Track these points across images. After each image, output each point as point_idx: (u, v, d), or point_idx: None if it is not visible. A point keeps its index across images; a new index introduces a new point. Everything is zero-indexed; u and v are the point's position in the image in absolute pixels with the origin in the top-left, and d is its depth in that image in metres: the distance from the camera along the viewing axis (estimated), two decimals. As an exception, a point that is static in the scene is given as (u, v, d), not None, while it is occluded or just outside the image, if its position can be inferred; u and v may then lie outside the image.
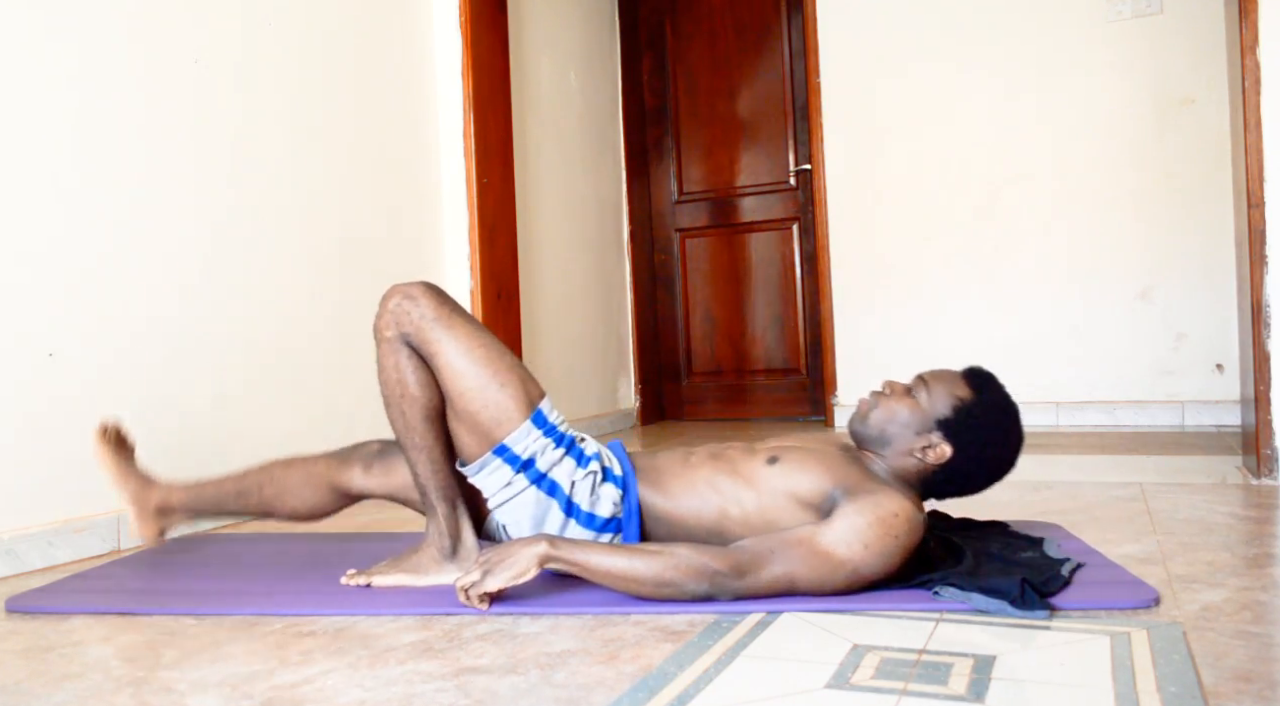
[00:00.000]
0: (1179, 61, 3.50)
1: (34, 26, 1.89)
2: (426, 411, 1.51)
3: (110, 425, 1.80)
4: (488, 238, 3.14)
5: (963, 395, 1.49)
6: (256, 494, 1.73)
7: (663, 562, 1.34)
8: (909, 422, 1.49)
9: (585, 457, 1.52)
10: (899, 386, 1.53)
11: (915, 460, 1.49)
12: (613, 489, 1.51)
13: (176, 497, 1.76)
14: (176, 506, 1.76)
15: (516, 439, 1.47)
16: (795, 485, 1.45)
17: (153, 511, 1.75)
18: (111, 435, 1.79)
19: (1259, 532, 1.77)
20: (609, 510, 1.50)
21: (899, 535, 1.35)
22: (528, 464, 1.48)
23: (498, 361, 1.49)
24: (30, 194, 1.88)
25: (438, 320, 1.48)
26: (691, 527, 1.50)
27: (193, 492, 1.76)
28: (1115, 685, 1.04)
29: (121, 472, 1.76)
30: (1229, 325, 3.33)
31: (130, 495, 1.75)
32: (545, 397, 1.53)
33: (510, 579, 1.34)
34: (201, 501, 1.76)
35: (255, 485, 1.73)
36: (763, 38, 4.31)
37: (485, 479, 1.50)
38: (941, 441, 1.47)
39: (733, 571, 1.34)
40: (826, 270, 4.05)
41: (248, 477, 1.75)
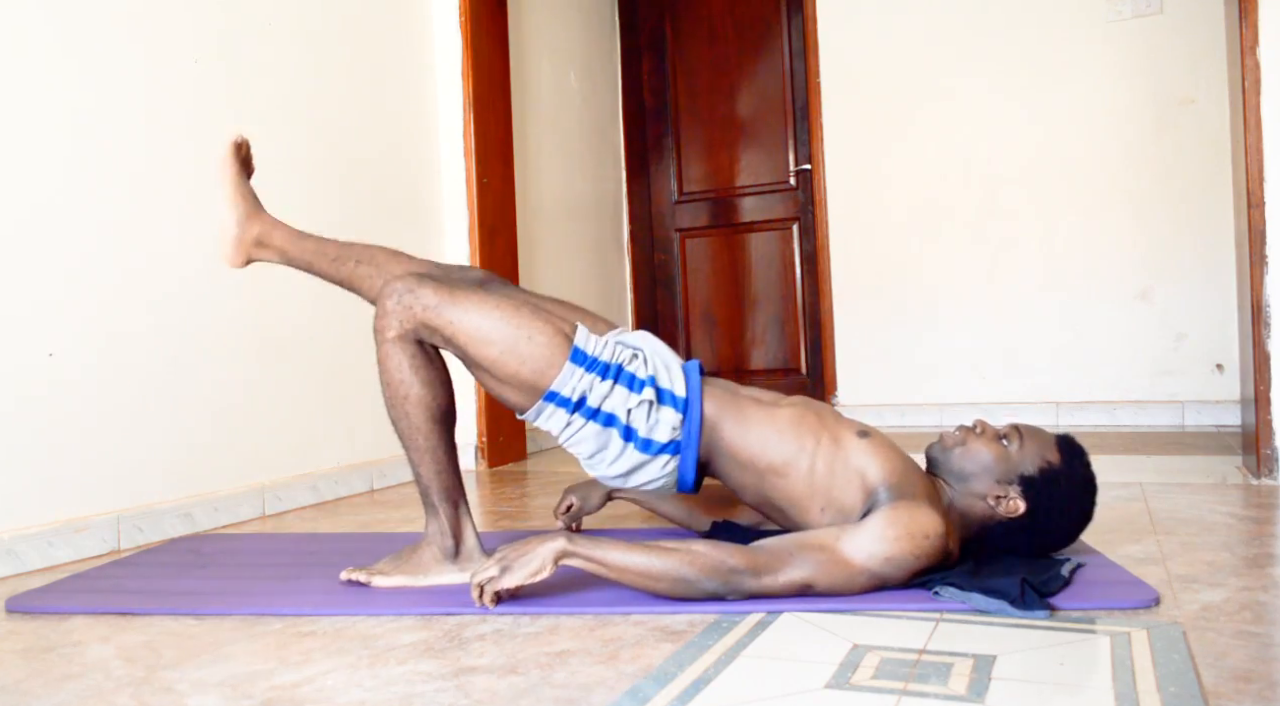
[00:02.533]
0: (1179, 61, 3.50)
1: (34, 27, 1.89)
2: (430, 411, 1.51)
3: (244, 141, 1.73)
4: (488, 238, 3.14)
5: (1052, 459, 1.47)
6: (351, 265, 1.68)
7: (679, 559, 1.34)
8: (991, 469, 1.46)
9: (638, 382, 1.50)
10: (991, 430, 1.51)
11: (985, 505, 1.47)
12: (671, 413, 1.50)
13: (278, 235, 1.70)
14: (274, 244, 1.70)
15: (562, 382, 1.47)
16: (869, 466, 1.44)
17: (251, 240, 1.70)
18: (245, 151, 1.73)
19: (1259, 532, 1.77)
20: (667, 434, 1.49)
21: (920, 555, 1.35)
22: (580, 403, 1.48)
23: (515, 317, 1.49)
24: (30, 194, 1.88)
25: (442, 302, 1.48)
26: (753, 460, 1.49)
27: (293, 238, 1.70)
28: (1115, 685, 1.04)
29: (239, 190, 1.70)
30: (1229, 325, 3.33)
31: (237, 216, 1.69)
32: (580, 329, 1.52)
33: (527, 576, 1.33)
34: (298, 249, 1.70)
35: (353, 256, 1.69)
36: (763, 38, 4.30)
37: (545, 422, 1.51)
38: (1018, 497, 1.45)
39: (750, 570, 1.34)
40: (826, 270, 4.05)
41: (352, 247, 1.70)
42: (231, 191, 1.70)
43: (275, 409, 2.43)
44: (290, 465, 2.47)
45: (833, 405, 4.02)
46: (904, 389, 3.91)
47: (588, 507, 1.90)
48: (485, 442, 3.11)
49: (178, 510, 2.13)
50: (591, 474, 1.57)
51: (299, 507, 2.46)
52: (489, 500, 2.52)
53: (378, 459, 2.76)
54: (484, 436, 3.11)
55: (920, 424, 3.81)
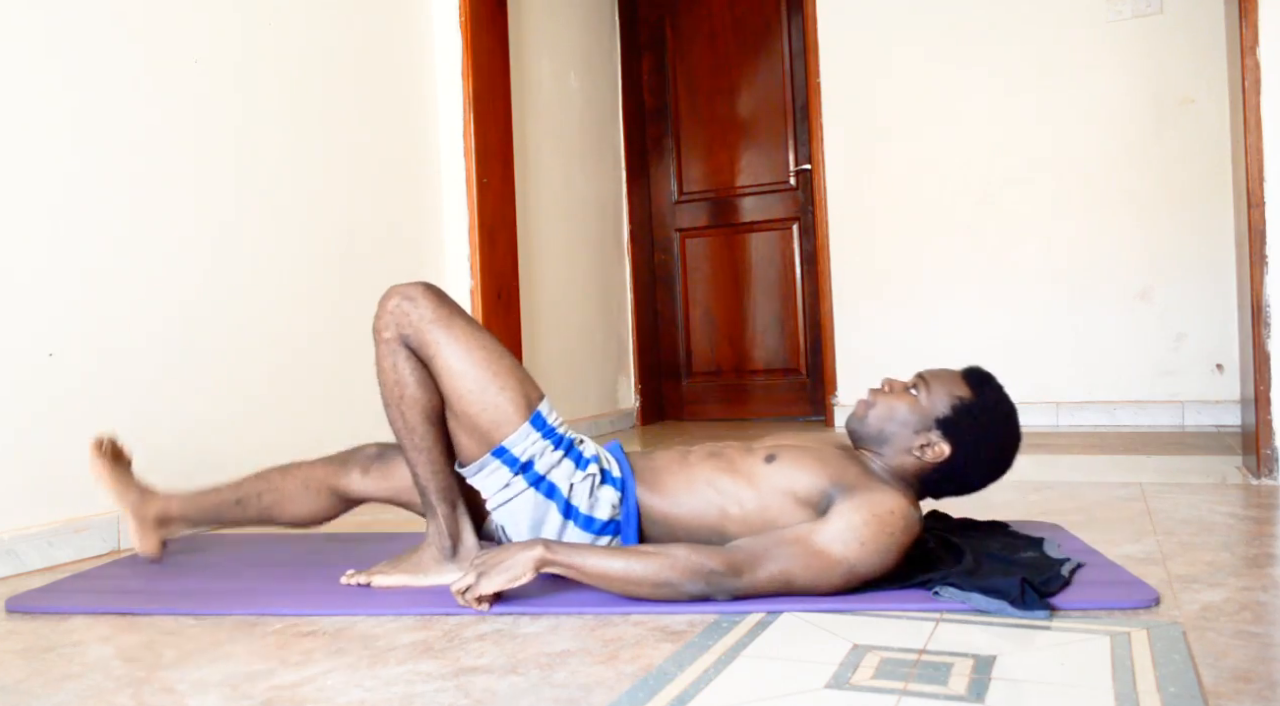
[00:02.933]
0: (1179, 61, 3.50)
1: (34, 27, 1.89)
2: (426, 412, 1.51)
3: (106, 438, 1.79)
4: (488, 238, 3.14)
5: (962, 394, 1.49)
6: (255, 502, 1.73)
7: (659, 563, 1.34)
8: (908, 421, 1.49)
9: (584, 460, 1.51)
10: (898, 384, 1.53)
11: (914, 458, 1.49)
12: (611, 491, 1.51)
13: (175, 507, 1.76)
14: (175, 516, 1.76)
15: (515, 441, 1.47)
16: (793, 483, 1.45)
17: (152, 522, 1.75)
18: (107, 448, 1.78)
19: (1259, 532, 1.77)
20: (608, 512, 1.50)
21: (895, 532, 1.35)
22: (526, 466, 1.48)
23: (496, 363, 1.49)
24: (31, 194, 1.88)
25: (436, 321, 1.48)
26: (692, 528, 1.50)
27: (191, 502, 1.76)
28: (1115, 685, 1.04)
29: (119, 485, 1.75)
30: (1229, 325, 3.33)
31: (130, 507, 1.75)
32: (544, 399, 1.53)
33: (505, 583, 1.34)
34: (200, 510, 1.76)
35: (254, 493, 1.73)
36: (763, 38, 4.30)
37: (484, 480, 1.50)
38: (940, 440, 1.47)
39: (729, 570, 1.34)
40: (826, 270, 4.05)
41: (245, 485, 1.75)
42: (112, 489, 1.75)
43: (275, 409, 2.43)
44: (290, 465, 2.47)
45: (833, 405, 4.02)
46: (904, 389, 3.90)
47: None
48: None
49: (178, 510, 2.13)
50: None
51: (299, 507, 2.46)
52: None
53: (378, 459, 2.76)
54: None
55: (920, 424, 3.80)
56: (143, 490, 1.77)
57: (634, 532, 1.51)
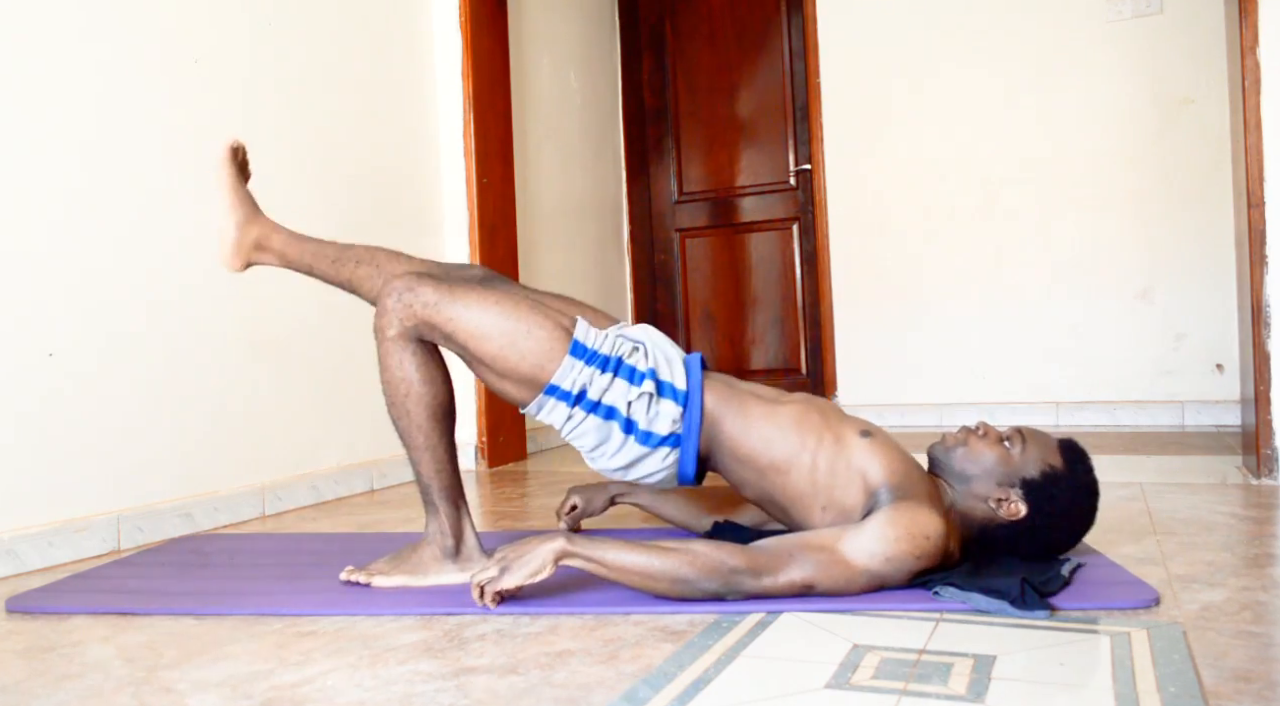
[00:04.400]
0: (1179, 61, 3.50)
1: (34, 27, 1.89)
2: (431, 409, 1.51)
3: (240, 146, 1.74)
4: (488, 238, 3.14)
5: (1055, 463, 1.46)
6: (351, 266, 1.69)
7: (678, 560, 1.34)
8: (993, 471, 1.46)
9: (638, 374, 1.51)
10: (994, 432, 1.50)
11: (986, 508, 1.46)
12: (671, 405, 1.50)
13: (277, 238, 1.71)
14: (273, 247, 1.71)
15: (562, 375, 1.48)
16: (870, 466, 1.44)
17: (250, 244, 1.71)
18: (241, 156, 1.74)
19: (1259, 532, 1.77)
20: (667, 427, 1.50)
21: (920, 556, 1.35)
22: (580, 396, 1.49)
23: (514, 310, 1.50)
24: (30, 194, 1.88)
25: (441, 299, 1.48)
26: (754, 460, 1.50)
27: (293, 241, 1.71)
28: (1115, 685, 1.04)
29: (237, 195, 1.71)
30: (1229, 325, 3.33)
31: (236, 220, 1.70)
32: (579, 322, 1.53)
33: (527, 576, 1.33)
34: (299, 253, 1.71)
35: (353, 258, 1.69)
36: (763, 38, 4.30)
37: (547, 416, 1.52)
38: (1019, 500, 1.44)
39: (751, 570, 1.34)
40: (826, 270, 4.05)
41: (351, 249, 1.71)
42: (229, 196, 1.71)
43: (275, 409, 2.43)
44: (290, 465, 2.47)
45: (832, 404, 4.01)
46: (904, 388, 3.91)
47: (591, 509, 1.90)
48: (485, 442, 3.11)
49: (178, 510, 2.13)
50: (593, 466, 1.58)
51: (299, 507, 2.46)
52: (489, 500, 2.52)
53: (378, 459, 2.76)
54: (484, 436, 3.11)
55: (921, 424, 3.81)
56: (255, 208, 1.72)
57: (693, 448, 1.51)
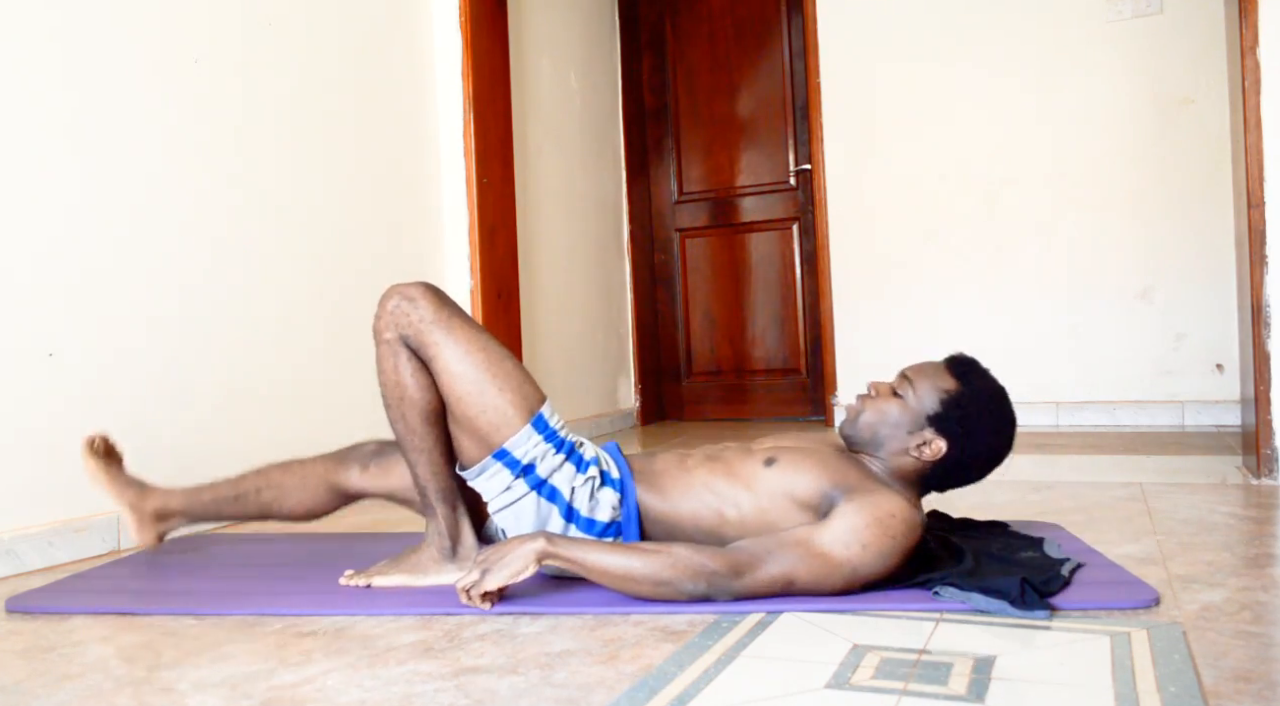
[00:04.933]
0: (1179, 61, 3.50)
1: (34, 27, 1.89)
2: (426, 413, 1.51)
3: (97, 437, 1.79)
4: (488, 238, 3.14)
5: (949, 387, 1.48)
6: (254, 497, 1.74)
7: (660, 561, 1.34)
8: (899, 422, 1.47)
9: (584, 462, 1.51)
10: (884, 386, 1.52)
11: (911, 458, 1.48)
12: (611, 493, 1.50)
13: (174, 502, 1.76)
14: (174, 511, 1.76)
15: (516, 443, 1.47)
16: (793, 486, 1.44)
17: (150, 517, 1.76)
18: (100, 447, 1.79)
19: (1259, 532, 1.77)
20: (608, 514, 1.49)
21: (896, 535, 1.35)
22: (528, 469, 1.47)
23: (497, 365, 1.48)
24: (30, 194, 1.88)
25: (436, 322, 1.47)
26: (690, 530, 1.50)
27: (189, 497, 1.76)
28: (1115, 685, 1.04)
29: (115, 482, 1.76)
30: (1229, 325, 3.33)
31: (127, 503, 1.75)
32: (546, 402, 1.52)
33: (509, 577, 1.34)
34: (199, 506, 1.76)
35: (253, 489, 1.74)
36: (763, 38, 4.30)
37: (485, 483, 1.50)
38: (935, 436, 1.46)
39: (730, 571, 1.34)
40: (826, 270, 4.05)
41: (244, 481, 1.75)
42: (109, 488, 1.76)
43: (275, 408, 2.43)
44: (290, 465, 2.47)
45: (833, 405, 4.02)
46: (904, 389, 3.90)
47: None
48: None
49: (178, 510, 2.13)
50: None
51: (299, 507, 2.46)
52: (489, 500, 2.52)
53: (378, 459, 2.76)
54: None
55: (920, 424, 3.80)
56: (140, 485, 1.78)
57: (635, 533, 1.51)
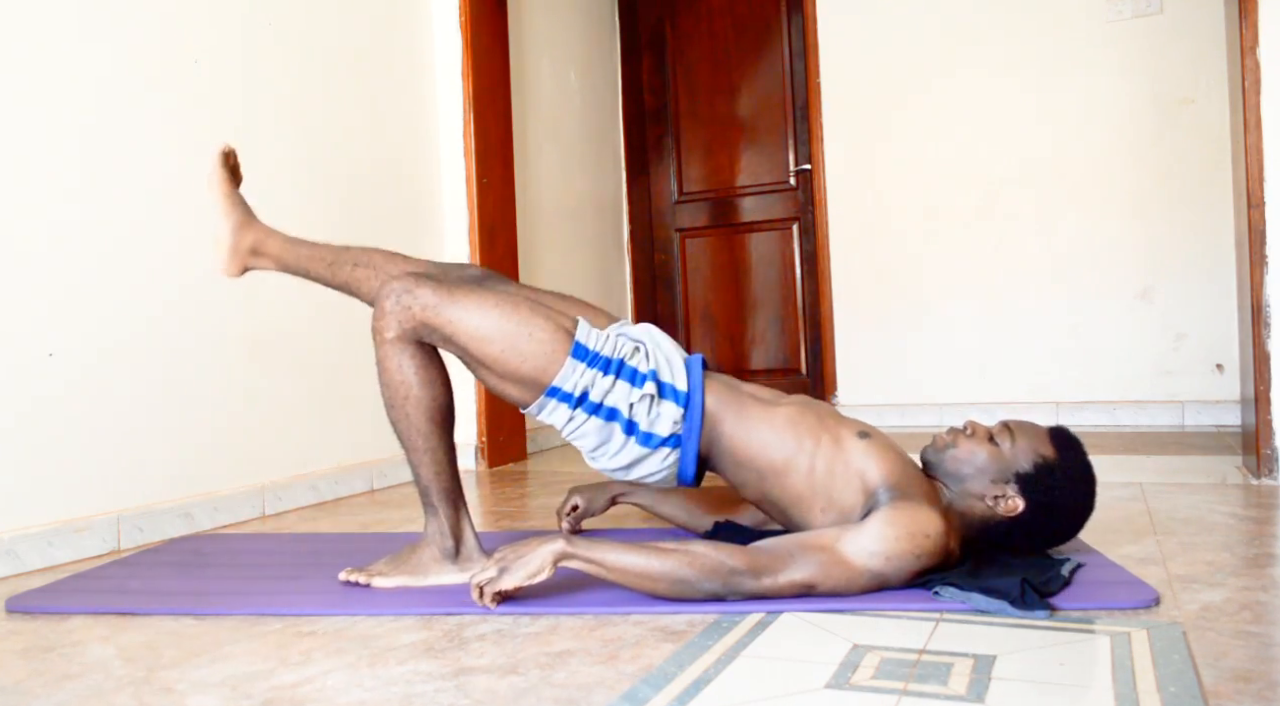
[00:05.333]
0: (1179, 61, 3.50)
1: (34, 27, 1.89)
2: (430, 411, 1.51)
3: (230, 150, 1.73)
4: (488, 238, 3.14)
5: (1046, 454, 1.45)
6: (348, 269, 1.68)
7: (677, 560, 1.34)
8: (986, 469, 1.45)
9: (640, 376, 1.51)
10: (982, 430, 1.49)
11: (984, 506, 1.45)
12: (672, 407, 1.50)
13: (273, 243, 1.70)
14: (268, 253, 1.71)
15: (564, 378, 1.48)
16: (868, 467, 1.44)
17: (246, 249, 1.70)
18: (232, 160, 1.73)
19: (1259, 532, 1.77)
20: (668, 428, 1.50)
21: (921, 555, 1.35)
22: (582, 398, 1.49)
23: (515, 312, 1.49)
24: (30, 194, 1.88)
25: (440, 302, 1.48)
26: (753, 461, 1.50)
27: (289, 245, 1.71)
28: (1115, 685, 1.04)
29: (230, 201, 1.70)
30: (1229, 325, 3.33)
31: (231, 225, 1.69)
32: (580, 323, 1.53)
33: (526, 577, 1.33)
34: (295, 257, 1.70)
35: (350, 260, 1.69)
36: (763, 38, 4.30)
37: (548, 417, 1.52)
38: (1016, 495, 1.43)
39: (751, 571, 1.34)
40: (826, 270, 4.05)
41: (348, 251, 1.70)
42: (223, 201, 1.70)
43: (275, 409, 2.43)
44: (290, 465, 2.47)
45: (833, 405, 4.02)
46: (904, 389, 3.91)
47: (592, 509, 1.90)
48: (485, 442, 3.11)
49: (178, 510, 2.13)
50: (594, 466, 1.58)
51: (299, 507, 2.46)
52: (489, 500, 2.52)
53: (378, 459, 2.76)
54: (484, 436, 3.11)
55: (920, 424, 3.80)
56: (248, 213, 1.72)
57: (694, 449, 1.51)
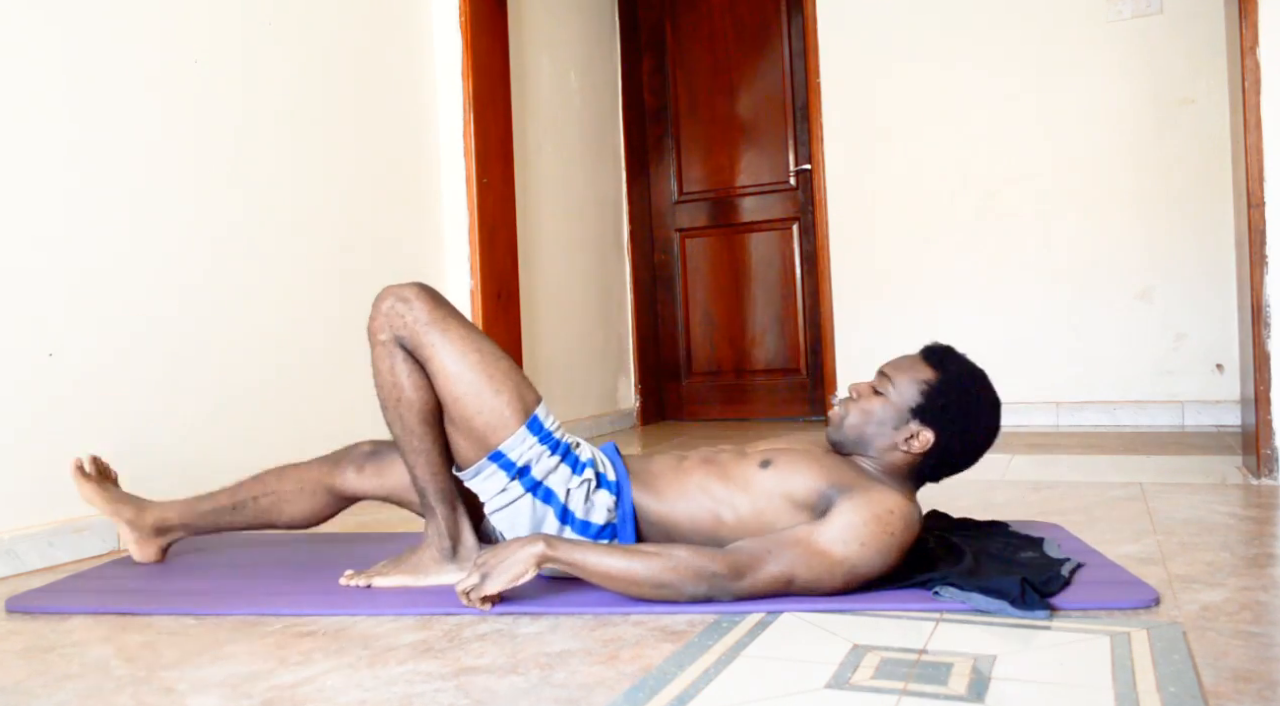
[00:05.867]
0: (1179, 62, 3.50)
1: (34, 26, 1.89)
2: (423, 414, 1.51)
3: (87, 459, 1.79)
4: (488, 238, 3.14)
5: (927, 377, 1.47)
6: (252, 506, 1.74)
7: (660, 564, 1.34)
8: (884, 419, 1.47)
9: (580, 464, 1.51)
10: (864, 386, 1.51)
11: (901, 453, 1.47)
12: (607, 495, 1.50)
13: (172, 515, 1.76)
14: (173, 524, 1.77)
15: (512, 445, 1.46)
16: (790, 487, 1.44)
17: (150, 531, 1.76)
18: (91, 469, 1.79)
19: (1259, 532, 1.77)
20: (604, 516, 1.49)
21: (895, 532, 1.35)
22: (523, 471, 1.47)
23: (492, 366, 1.48)
24: (30, 194, 1.88)
25: (431, 323, 1.47)
26: (687, 532, 1.50)
27: (187, 508, 1.76)
28: (1115, 685, 1.04)
29: (111, 501, 1.76)
30: (1229, 325, 3.33)
31: (126, 520, 1.75)
32: (541, 403, 1.52)
33: (508, 582, 1.33)
34: (197, 517, 1.76)
35: (250, 497, 1.74)
36: (763, 38, 4.30)
37: (481, 484, 1.50)
38: (921, 428, 1.45)
39: (730, 572, 1.34)
40: (826, 270, 4.05)
41: (241, 490, 1.75)
42: (105, 507, 1.76)
43: (275, 408, 2.43)
44: (290, 465, 2.47)
45: (833, 405, 4.01)
46: (904, 389, 3.90)
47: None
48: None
49: (178, 510, 2.13)
50: None
51: (299, 507, 2.46)
52: (489, 500, 2.52)
53: (378, 459, 2.76)
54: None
55: (920, 424, 3.80)
56: (137, 501, 1.78)
57: (631, 536, 1.51)
